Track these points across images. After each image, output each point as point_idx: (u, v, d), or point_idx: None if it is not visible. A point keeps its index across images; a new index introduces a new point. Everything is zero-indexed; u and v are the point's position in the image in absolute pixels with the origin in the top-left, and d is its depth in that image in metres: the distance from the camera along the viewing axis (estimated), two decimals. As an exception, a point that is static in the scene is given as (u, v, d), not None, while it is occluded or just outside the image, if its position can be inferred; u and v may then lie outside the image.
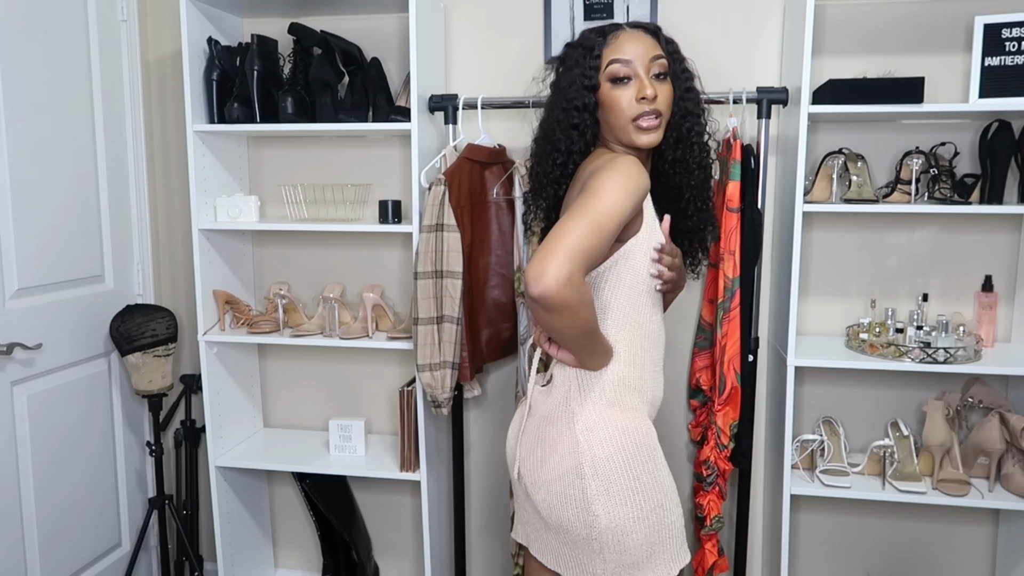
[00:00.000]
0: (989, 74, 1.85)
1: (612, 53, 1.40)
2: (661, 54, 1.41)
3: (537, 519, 1.48)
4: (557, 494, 1.39)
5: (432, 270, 1.95)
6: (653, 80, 1.39)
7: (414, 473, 2.17)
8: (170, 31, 2.40)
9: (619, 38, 1.41)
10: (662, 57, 1.41)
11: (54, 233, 2.09)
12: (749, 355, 2.02)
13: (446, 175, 1.93)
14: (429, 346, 1.97)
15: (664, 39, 1.45)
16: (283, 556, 2.64)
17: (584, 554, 1.40)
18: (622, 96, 1.39)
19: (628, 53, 1.39)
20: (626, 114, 1.39)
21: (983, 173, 1.99)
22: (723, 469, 2.04)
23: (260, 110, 2.14)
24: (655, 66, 1.39)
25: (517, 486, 1.50)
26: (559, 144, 1.45)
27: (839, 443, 2.14)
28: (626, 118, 1.39)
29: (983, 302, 2.09)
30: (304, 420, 2.56)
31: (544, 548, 1.48)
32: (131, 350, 2.23)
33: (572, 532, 1.39)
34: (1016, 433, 1.95)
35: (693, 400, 2.23)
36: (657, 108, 1.38)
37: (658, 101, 1.38)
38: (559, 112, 1.45)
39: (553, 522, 1.42)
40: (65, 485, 2.16)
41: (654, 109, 1.38)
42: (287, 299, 2.30)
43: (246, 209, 2.22)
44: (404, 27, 2.27)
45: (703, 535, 2.09)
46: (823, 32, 2.11)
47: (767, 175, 2.01)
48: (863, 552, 2.32)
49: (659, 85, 1.39)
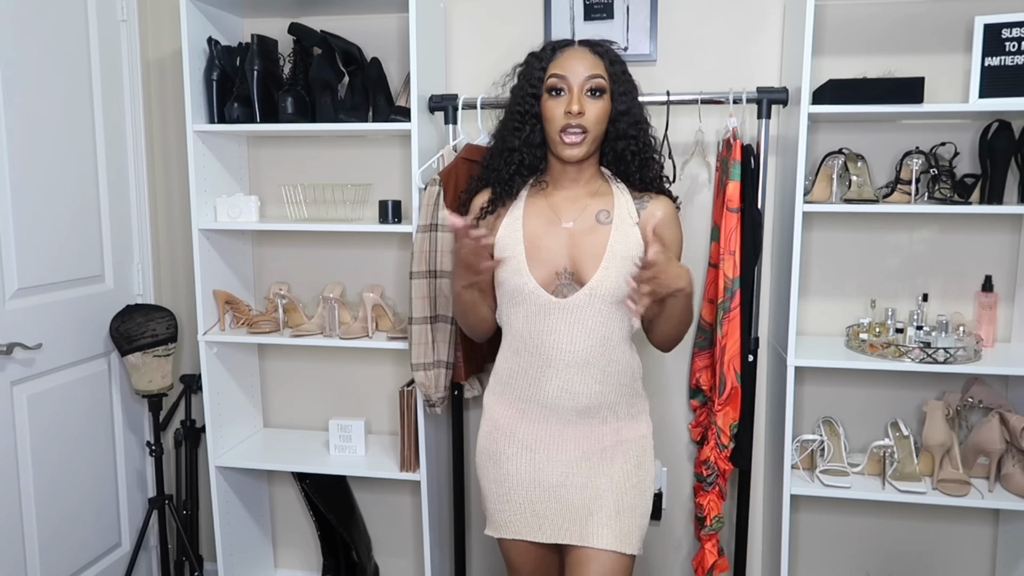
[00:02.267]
0: (989, 74, 1.85)
1: (554, 67, 1.52)
2: (598, 74, 1.50)
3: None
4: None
5: (427, 270, 1.95)
6: (586, 97, 1.49)
7: (414, 473, 2.17)
8: (170, 31, 2.40)
9: (564, 53, 1.53)
10: (598, 77, 1.50)
11: (54, 233, 2.09)
12: (749, 355, 2.02)
13: (441, 175, 1.93)
14: (423, 345, 1.97)
15: (610, 60, 1.53)
16: (283, 556, 2.64)
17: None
18: (555, 107, 1.50)
19: (566, 69, 1.50)
20: (554, 124, 1.51)
21: (983, 173, 1.99)
22: (723, 469, 2.04)
23: (260, 110, 2.14)
24: (589, 83, 1.49)
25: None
26: (509, 143, 1.59)
27: (839, 443, 2.13)
28: (555, 128, 1.51)
29: (983, 302, 2.09)
30: (304, 420, 2.56)
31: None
32: (131, 350, 2.23)
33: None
34: (1016, 433, 1.95)
35: (693, 400, 2.23)
36: (583, 124, 1.49)
37: (585, 117, 1.48)
38: (508, 114, 1.60)
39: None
40: (65, 485, 2.16)
41: (579, 124, 1.48)
42: (287, 299, 2.30)
43: (246, 209, 2.22)
44: (404, 27, 2.27)
45: (703, 535, 2.09)
46: (823, 32, 2.11)
47: (767, 175, 2.01)
48: (863, 552, 2.32)
49: (591, 102, 1.50)
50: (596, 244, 1.52)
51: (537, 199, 1.60)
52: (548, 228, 1.56)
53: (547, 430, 1.57)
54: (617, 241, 1.52)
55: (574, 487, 1.56)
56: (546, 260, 1.54)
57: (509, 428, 1.60)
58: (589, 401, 1.54)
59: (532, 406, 1.57)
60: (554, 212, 1.57)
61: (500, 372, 1.63)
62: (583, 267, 1.52)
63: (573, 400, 1.54)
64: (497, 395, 1.64)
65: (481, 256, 1.43)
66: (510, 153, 1.58)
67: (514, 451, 1.59)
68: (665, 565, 2.40)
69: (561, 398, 1.54)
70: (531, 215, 1.58)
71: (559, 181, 1.60)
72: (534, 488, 1.58)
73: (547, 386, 1.54)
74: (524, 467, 1.58)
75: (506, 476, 1.60)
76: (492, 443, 1.63)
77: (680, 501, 2.36)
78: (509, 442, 1.60)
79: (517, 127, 1.57)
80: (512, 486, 1.59)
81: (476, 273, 1.47)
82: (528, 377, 1.56)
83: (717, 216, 2.02)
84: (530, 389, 1.57)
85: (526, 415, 1.58)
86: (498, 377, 1.64)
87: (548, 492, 1.57)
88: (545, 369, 1.54)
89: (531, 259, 1.54)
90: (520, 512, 1.59)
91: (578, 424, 1.56)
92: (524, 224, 1.57)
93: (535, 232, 1.56)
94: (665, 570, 2.41)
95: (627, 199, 1.58)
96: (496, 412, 1.63)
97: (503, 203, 1.62)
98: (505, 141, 1.60)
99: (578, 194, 1.58)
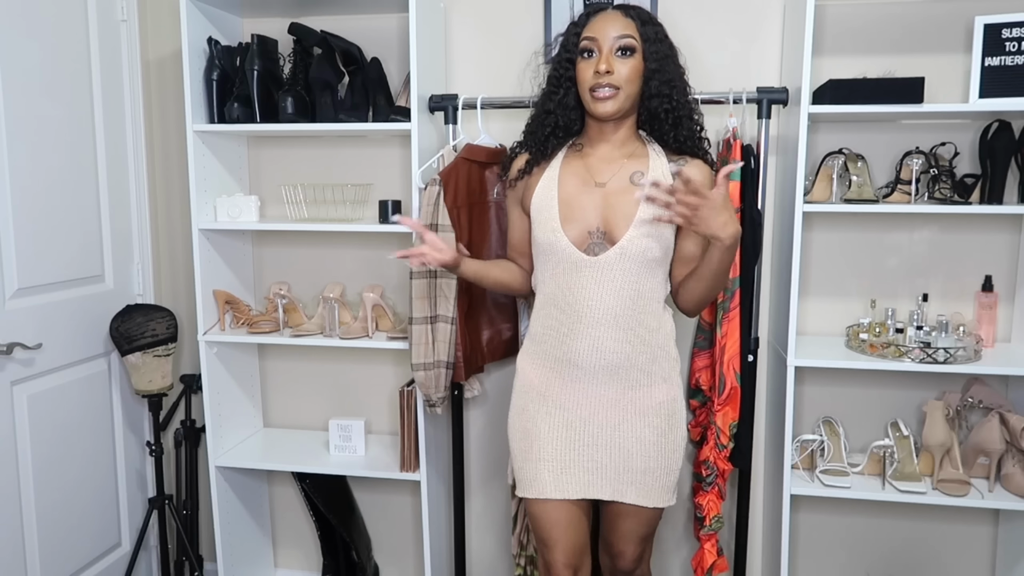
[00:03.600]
0: (989, 74, 1.85)
1: (586, 31, 1.58)
2: (628, 34, 1.55)
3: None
4: None
5: (427, 270, 1.95)
6: (616, 56, 1.54)
7: (414, 473, 2.17)
8: (170, 31, 2.40)
9: (597, 17, 1.58)
10: (628, 36, 1.55)
11: (54, 233, 2.09)
12: (749, 355, 2.02)
13: (441, 175, 1.93)
14: (423, 345, 1.97)
15: (642, 21, 1.58)
16: (283, 556, 2.64)
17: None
18: (586, 69, 1.57)
19: (596, 31, 1.56)
20: (585, 84, 1.56)
21: (983, 173, 1.99)
22: (722, 469, 2.04)
23: (260, 110, 2.14)
24: (619, 43, 1.54)
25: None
26: (546, 106, 1.66)
27: (839, 443, 2.13)
28: (585, 88, 1.57)
29: (983, 302, 2.09)
30: (304, 420, 2.56)
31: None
32: (131, 350, 2.23)
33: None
34: (1016, 433, 1.95)
35: (693, 400, 2.23)
36: (613, 82, 1.54)
37: (615, 76, 1.53)
38: (548, 80, 1.67)
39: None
40: (65, 485, 2.16)
41: (609, 83, 1.53)
42: (287, 299, 2.30)
43: (246, 209, 2.22)
44: (404, 27, 2.27)
45: (702, 535, 2.09)
46: (823, 32, 2.11)
47: (767, 175, 2.01)
48: (863, 552, 2.32)
49: (621, 61, 1.55)
50: (629, 204, 1.56)
51: (574, 160, 1.66)
52: (583, 188, 1.61)
53: (579, 390, 1.62)
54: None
55: (604, 447, 1.62)
56: (579, 219, 1.59)
57: (542, 387, 1.65)
58: (619, 360, 1.58)
59: (564, 365, 1.61)
60: (589, 173, 1.63)
61: (533, 331, 1.68)
62: (615, 227, 1.57)
63: (603, 358, 1.58)
64: (530, 355, 1.69)
65: (441, 254, 1.61)
66: (546, 116, 1.66)
67: (547, 410, 1.64)
68: (665, 565, 2.40)
69: (591, 356, 1.58)
70: (567, 175, 1.64)
71: (595, 142, 1.65)
72: (564, 446, 1.63)
73: (577, 344, 1.58)
74: (556, 425, 1.63)
75: (535, 434, 1.64)
76: (525, 400, 1.68)
77: (680, 501, 2.35)
78: (542, 401, 1.65)
79: (553, 90, 1.64)
80: (543, 444, 1.63)
81: (453, 265, 1.65)
82: (559, 335, 1.61)
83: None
84: (561, 347, 1.61)
85: (559, 375, 1.63)
86: (531, 337, 1.69)
87: (579, 452, 1.62)
88: (575, 326, 1.58)
89: (564, 218, 1.59)
90: (551, 471, 1.63)
91: (609, 384, 1.60)
92: (560, 184, 1.63)
93: (570, 192, 1.61)
94: (665, 570, 2.41)
95: (663, 161, 1.62)
96: (529, 372, 1.69)
97: (539, 164, 1.68)
98: (543, 104, 1.68)
99: (614, 155, 1.63)
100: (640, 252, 1.55)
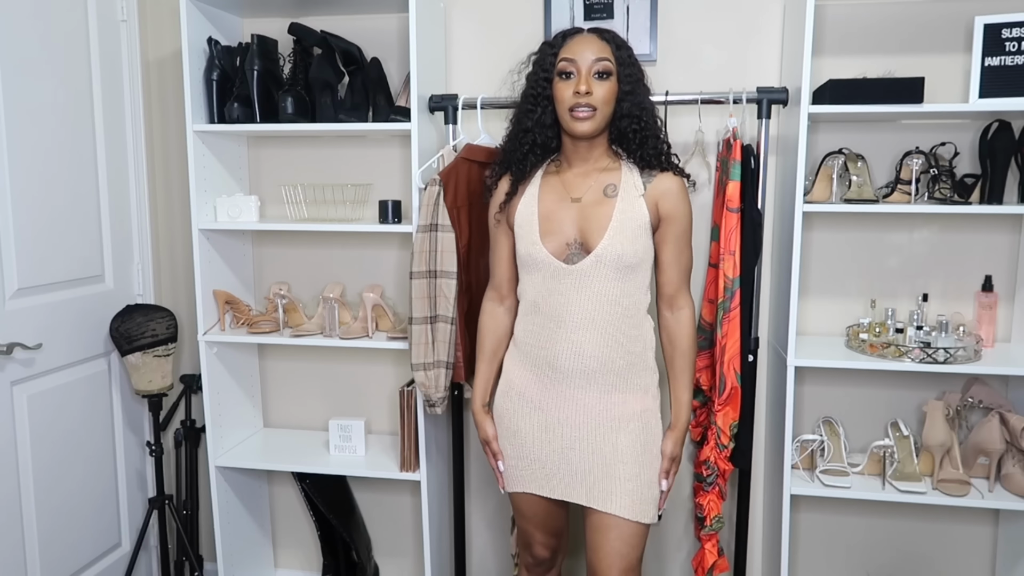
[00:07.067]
0: (989, 74, 1.85)
1: (564, 52, 1.62)
2: (606, 57, 1.60)
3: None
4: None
5: (426, 270, 1.95)
6: (593, 79, 1.59)
7: (414, 473, 2.17)
8: (170, 31, 2.40)
9: (574, 40, 1.63)
10: (605, 60, 1.60)
11: (54, 233, 2.09)
12: (749, 355, 2.02)
13: (441, 175, 1.93)
14: (423, 345, 1.97)
15: (616, 45, 1.64)
16: (283, 556, 2.64)
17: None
18: (564, 88, 1.61)
19: (575, 53, 1.61)
20: (565, 104, 1.61)
21: (983, 173, 1.99)
22: (723, 469, 2.04)
23: (260, 110, 2.14)
24: (596, 66, 1.59)
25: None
26: (523, 124, 1.71)
27: (839, 443, 2.13)
28: (564, 107, 1.61)
29: (983, 302, 2.09)
30: (304, 420, 2.56)
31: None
32: (131, 350, 2.23)
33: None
34: (1016, 433, 1.95)
35: (693, 400, 2.22)
36: (591, 103, 1.59)
37: (593, 97, 1.59)
38: (523, 97, 1.71)
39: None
40: (65, 485, 2.16)
41: (588, 103, 1.59)
42: (287, 299, 2.30)
43: (246, 209, 2.22)
44: (404, 27, 2.27)
45: (703, 535, 2.09)
46: (823, 32, 2.11)
47: (767, 175, 2.01)
48: (863, 552, 2.32)
49: (598, 83, 1.60)
50: (603, 215, 1.63)
51: (552, 178, 1.73)
52: (560, 203, 1.68)
53: (558, 392, 1.67)
54: (622, 212, 1.62)
55: (581, 451, 1.66)
56: (557, 232, 1.66)
57: (522, 388, 1.72)
58: (597, 364, 1.64)
59: (544, 368, 1.68)
60: (566, 188, 1.69)
61: (517, 336, 1.75)
62: (591, 236, 1.63)
63: (581, 362, 1.63)
64: (514, 358, 1.76)
65: (481, 432, 1.79)
66: (524, 134, 1.71)
67: (527, 411, 1.71)
68: (665, 565, 2.40)
69: (571, 360, 1.64)
70: (546, 192, 1.71)
71: (571, 159, 1.70)
72: (544, 447, 1.70)
73: (558, 347, 1.65)
74: (535, 426, 1.70)
75: (517, 433, 1.72)
76: (507, 401, 1.75)
77: (680, 501, 2.36)
78: (522, 402, 1.72)
79: (530, 109, 1.69)
80: (523, 443, 1.72)
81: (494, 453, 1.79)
82: (541, 338, 1.67)
83: (717, 216, 2.02)
84: (543, 350, 1.67)
85: (539, 378, 1.69)
86: (515, 341, 1.76)
87: (557, 453, 1.68)
88: (556, 331, 1.65)
89: (544, 231, 1.67)
90: (531, 468, 1.72)
91: (587, 390, 1.65)
92: (539, 200, 1.70)
93: (548, 207, 1.68)
94: (665, 570, 2.41)
95: (635, 174, 1.68)
96: (512, 373, 1.76)
97: (521, 182, 1.73)
98: (520, 123, 1.72)
99: (588, 171, 1.69)
100: (615, 258, 1.61)
